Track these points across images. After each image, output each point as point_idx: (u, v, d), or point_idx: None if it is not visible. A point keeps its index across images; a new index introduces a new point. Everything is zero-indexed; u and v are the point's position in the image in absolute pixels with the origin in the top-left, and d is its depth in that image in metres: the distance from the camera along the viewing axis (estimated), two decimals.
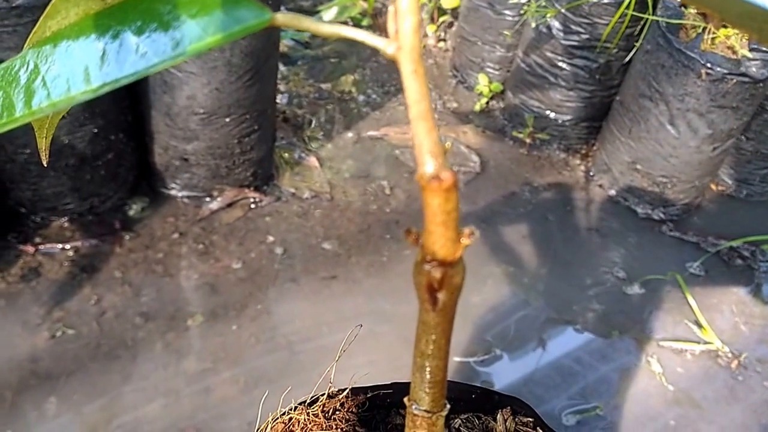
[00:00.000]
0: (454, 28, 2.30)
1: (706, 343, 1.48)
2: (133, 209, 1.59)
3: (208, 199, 1.63)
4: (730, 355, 1.47)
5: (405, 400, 0.47)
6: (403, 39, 0.32)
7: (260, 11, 0.30)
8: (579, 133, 1.92)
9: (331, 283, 1.51)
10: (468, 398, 0.64)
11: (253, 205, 1.65)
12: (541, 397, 1.36)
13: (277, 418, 0.61)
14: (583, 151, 1.95)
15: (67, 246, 1.49)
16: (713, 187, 1.90)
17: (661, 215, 1.77)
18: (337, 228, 1.63)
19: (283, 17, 0.31)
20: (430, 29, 2.34)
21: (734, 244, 1.71)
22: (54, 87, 0.32)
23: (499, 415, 0.63)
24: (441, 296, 0.39)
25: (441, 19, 2.33)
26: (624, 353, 1.46)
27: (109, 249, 1.50)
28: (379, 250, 1.59)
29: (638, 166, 1.73)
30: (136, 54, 0.30)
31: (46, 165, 0.44)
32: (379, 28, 2.37)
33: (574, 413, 1.33)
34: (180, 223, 1.58)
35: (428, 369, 0.44)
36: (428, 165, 0.34)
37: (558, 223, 1.74)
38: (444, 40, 2.34)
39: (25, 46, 0.34)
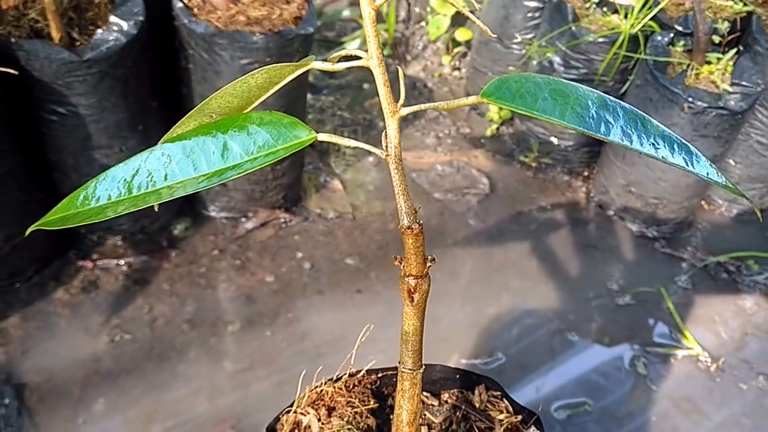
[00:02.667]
0: (467, 58, 2.48)
1: (687, 348, 1.65)
2: (178, 229, 1.79)
3: (243, 219, 1.83)
4: (709, 360, 1.64)
5: (397, 363, 0.68)
6: (390, 150, 0.55)
7: (309, 132, 0.49)
8: (580, 157, 2.10)
9: (354, 294, 1.70)
10: (453, 378, 0.85)
11: (283, 225, 1.85)
12: (542, 393, 1.53)
13: (312, 389, 0.82)
14: (585, 174, 2.12)
15: (121, 262, 1.69)
16: (705, 206, 2.07)
17: (655, 233, 1.94)
18: (358, 245, 1.82)
19: (323, 136, 0.51)
20: (446, 59, 2.53)
21: (721, 259, 1.87)
22: (181, 170, 0.51)
23: (476, 390, 0.84)
24: (415, 297, 0.62)
25: (456, 50, 2.52)
26: (613, 357, 1.63)
27: (157, 264, 1.70)
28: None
29: (632, 189, 1.90)
30: (233, 153, 0.49)
31: (157, 210, 0.63)
32: (398, 58, 2.56)
33: (565, 408, 1.51)
34: (219, 241, 1.78)
35: (410, 342, 0.66)
36: (405, 220, 0.57)
37: (561, 239, 1.92)
38: (458, 68, 2.53)
39: (159, 141, 0.53)
